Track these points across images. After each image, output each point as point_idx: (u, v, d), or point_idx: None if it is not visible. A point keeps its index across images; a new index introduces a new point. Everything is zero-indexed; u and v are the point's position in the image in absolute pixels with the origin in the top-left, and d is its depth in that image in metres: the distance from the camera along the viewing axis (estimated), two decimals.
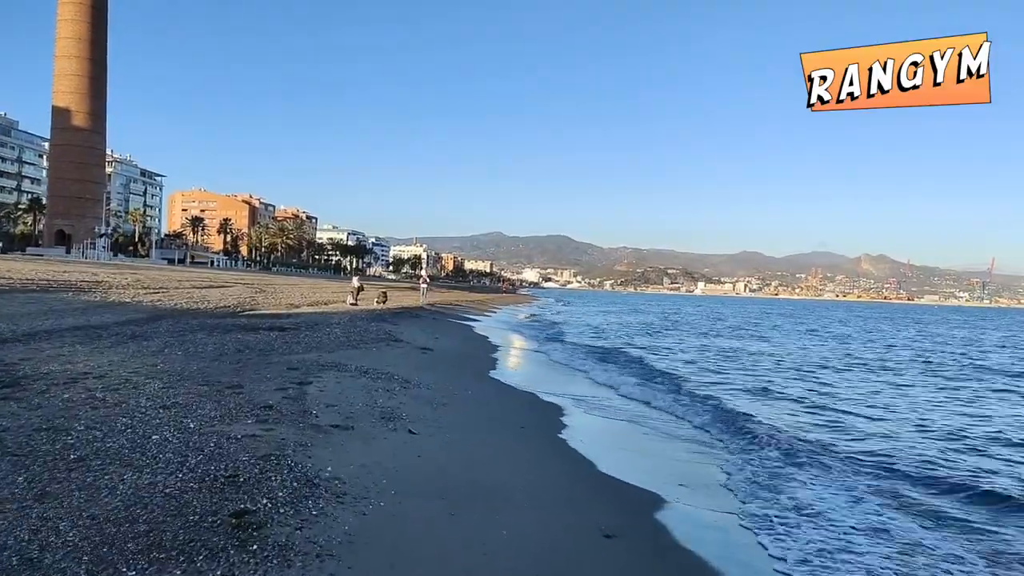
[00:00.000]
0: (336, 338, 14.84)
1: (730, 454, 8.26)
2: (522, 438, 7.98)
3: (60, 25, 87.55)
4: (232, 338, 14.03)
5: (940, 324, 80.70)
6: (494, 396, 11.05)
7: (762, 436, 9.13)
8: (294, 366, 10.26)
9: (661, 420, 10.70)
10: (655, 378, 16.28)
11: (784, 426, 10.29)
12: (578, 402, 11.82)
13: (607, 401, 12.47)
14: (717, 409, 11.71)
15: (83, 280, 27.43)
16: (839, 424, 11.15)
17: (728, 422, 10.44)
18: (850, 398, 14.66)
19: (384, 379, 9.78)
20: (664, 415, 11.34)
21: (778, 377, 18.63)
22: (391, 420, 6.95)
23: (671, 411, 11.74)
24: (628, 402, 12.52)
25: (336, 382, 8.82)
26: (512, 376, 14.72)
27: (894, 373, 21.58)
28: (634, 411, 11.62)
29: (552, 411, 10.55)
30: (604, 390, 14.04)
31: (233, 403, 6.74)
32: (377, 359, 12.07)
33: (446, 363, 13.60)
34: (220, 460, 4.59)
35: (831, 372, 21.07)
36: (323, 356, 11.81)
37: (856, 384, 17.86)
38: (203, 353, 11.64)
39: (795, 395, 14.64)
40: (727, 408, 11.82)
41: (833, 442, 9.26)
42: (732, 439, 9.18)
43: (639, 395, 13.30)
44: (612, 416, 10.87)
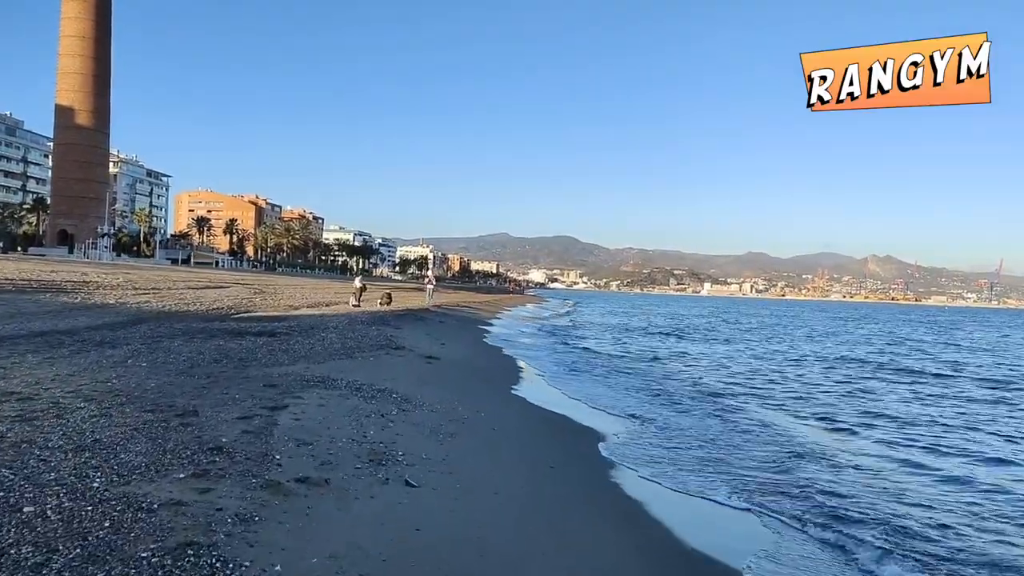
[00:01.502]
0: (330, 345, 13.18)
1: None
2: (561, 482, 6.29)
3: (64, 23, 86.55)
4: (213, 345, 12.41)
5: (964, 326, 78.44)
6: (515, 419, 9.30)
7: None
8: (273, 382, 8.60)
9: (735, 462, 8.89)
10: (691, 398, 14.33)
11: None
12: (625, 425, 10.13)
13: (655, 426, 10.75)
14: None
15: (69, 280, 25.94)
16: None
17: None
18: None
19: (379, 398, 8.09)
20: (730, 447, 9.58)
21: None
22: (382, 463, 5.26)
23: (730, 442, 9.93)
24: (668, 432, 10.78)
25: (319, 405, 7.14)
26: (532, 390, 13.01)
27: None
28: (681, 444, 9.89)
29: (589, 439, 8.86)
30: (647, 407, 12.36)
31: (175, 441, 5.08)
32: (374, 371, 10.40)
33: (454, 375, 11.90)
34: (102, 562, 2.92)
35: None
36: (311, 368, 10.15)
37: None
38: (172, 364, 10.02)
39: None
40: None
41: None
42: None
43: (690, 427, 11.19)
44: (669, 448, 9.15)
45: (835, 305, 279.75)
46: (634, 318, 63.90)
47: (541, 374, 16.38)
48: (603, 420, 10.69)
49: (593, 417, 10.95)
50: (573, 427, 9.80)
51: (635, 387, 15.23)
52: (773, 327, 56.16)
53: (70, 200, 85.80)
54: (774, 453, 9.10)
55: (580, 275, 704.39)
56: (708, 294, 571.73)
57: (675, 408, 12.59)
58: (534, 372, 16.62)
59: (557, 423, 9.84)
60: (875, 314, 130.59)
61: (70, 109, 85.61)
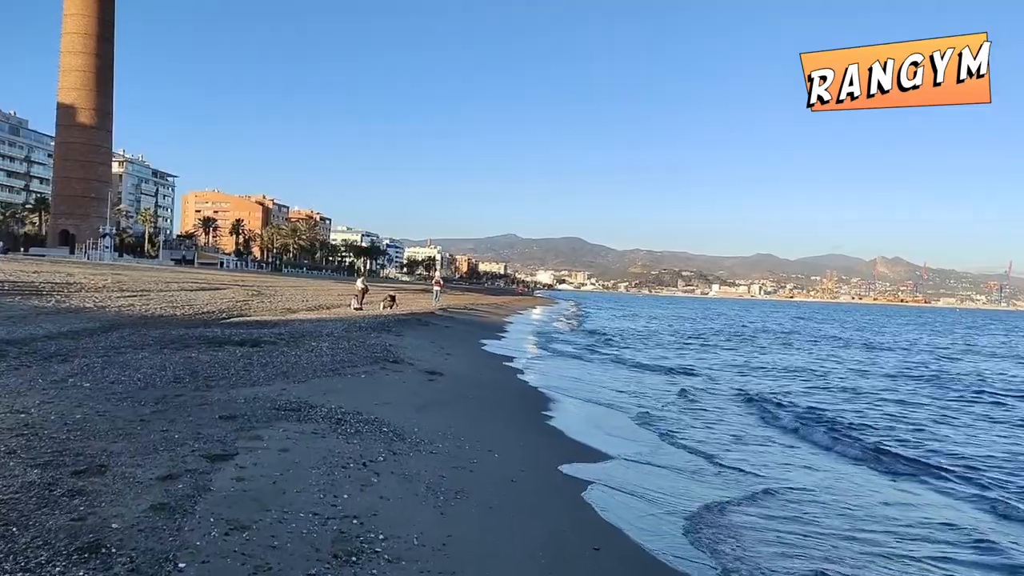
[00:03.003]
0: (319, 357, 11.42)
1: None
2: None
3: (66, 20, 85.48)
4: (182, 358, 10.68)
5: (992, 330, 75.98)
6: (546, 459, 7.37)
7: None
8: (234, 410, 6.84)
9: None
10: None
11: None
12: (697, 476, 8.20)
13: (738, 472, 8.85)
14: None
15: (50, 282, 24.32)
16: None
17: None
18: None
19: (365, 435, 6.31)
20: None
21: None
22: (351, 562, 3.49)
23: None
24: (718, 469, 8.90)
25: (281, 450, 5.35)
26: (558, 414, 10.94)
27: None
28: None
29: (679, 501, 6.99)
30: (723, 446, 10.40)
31: (37, 532, 3.33)
32: (364, 393, 8.63)
33: (461, 395, 10.07)
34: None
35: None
36: (288, 389, 8.38)
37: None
38: (122, 384, 8.29)
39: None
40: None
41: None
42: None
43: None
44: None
45: (846, 307, 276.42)
46: (654, 321, 61.87)
47: (570, 393, 13.64)
48: (706, 477, 7.78)
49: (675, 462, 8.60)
50: (648, 474, 7.81)
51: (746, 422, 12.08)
52: (821, 333, 52.93)
53: (71, 200, 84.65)
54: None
55: (588, 276, 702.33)
56: (716, 296, 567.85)
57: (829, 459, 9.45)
58: (558, 395, 13.35)
59: (617, 478, 7.45)
60: (896, 317, 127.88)
61: (72, 107, 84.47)
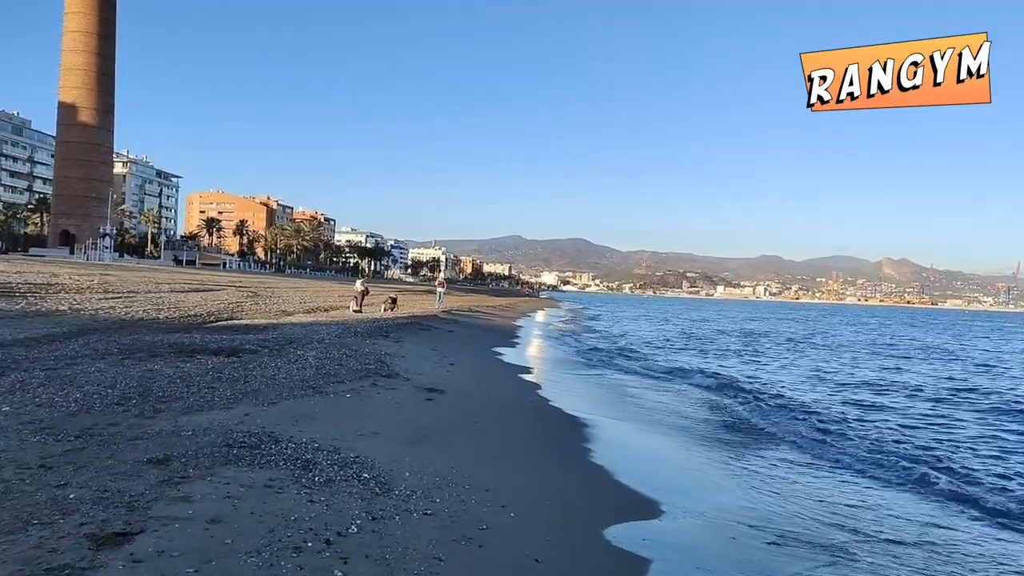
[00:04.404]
0: (301, 370, 9.81)
1: None
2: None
3: (67, 18, 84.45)
4: (142, 371, 9.12)
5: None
6: (569, 522, 5.24)
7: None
8: (171, 449, 5.26)
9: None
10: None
11: None
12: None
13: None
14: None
15: (30, 282, 22.84)
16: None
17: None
18: None
19: (338, 485, 4.72)
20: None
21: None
22: None
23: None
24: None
25: (210, 522, 3.77)
26: (594, 445, 8.39)
27: None
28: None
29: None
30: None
31: None
32: (346, 419, 7.04)
33: (466, 419, 8.39)
34: None
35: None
36: (252, 415, 6.79)
37: None
38: (51, 407, 6.75)
39: None
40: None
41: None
42: None
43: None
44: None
45: (854, 309, 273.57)
46: (671, 324, 60.14)
47: (607, 413, 11.24)
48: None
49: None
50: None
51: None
52: (861, 338, 49.27)
53: (72, 200, 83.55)
54: None
55: (592, 277, 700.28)
56: (721, 297, 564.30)
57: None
58: (596, 412, 11.16)
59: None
60: (911, 319, 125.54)
61: (73, 106, 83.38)
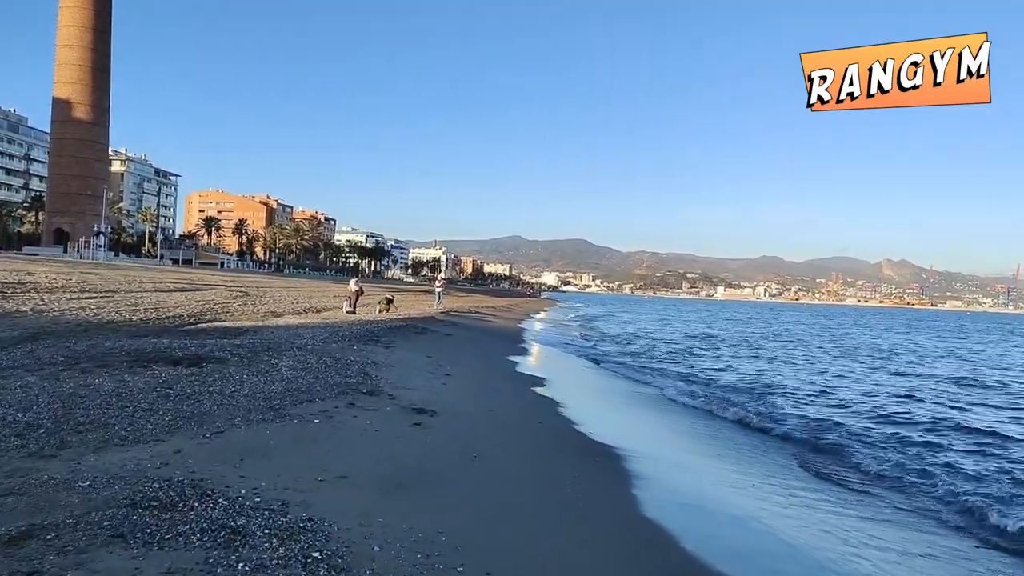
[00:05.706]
0: (268, 384, 8.32)
1: None
2: None
3: (62, 12, 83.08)
4: (77, 385, 7.66)
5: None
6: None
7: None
8: (48, 516, 3.82)
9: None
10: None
11: None
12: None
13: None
14: None
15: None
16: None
17: None
18: None
19: (273, 574, 3.31)
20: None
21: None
22: None
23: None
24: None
25: None
26: (644, 491, 6.33)
27: None
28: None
29: None
30: None
31: None
32: (306, 455, 5.56)
33: (464, 453, 6.67)
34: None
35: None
36: (185, 451, 5.32)
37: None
38: None
39: None
40: None
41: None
42: None
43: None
44: None
45: (853, 310, 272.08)
46: (681, 325, 58.54)
47: (652, 441, 9.11)
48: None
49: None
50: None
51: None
52: (885, 342, 46.79)
53: (67, 197, 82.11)
54: None
55: (592, 278, 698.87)
56: (721, 298, 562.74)
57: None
58: (637, 438, 8.88)
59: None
60: (916, 321, 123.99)
61: (67, 102, 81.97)
